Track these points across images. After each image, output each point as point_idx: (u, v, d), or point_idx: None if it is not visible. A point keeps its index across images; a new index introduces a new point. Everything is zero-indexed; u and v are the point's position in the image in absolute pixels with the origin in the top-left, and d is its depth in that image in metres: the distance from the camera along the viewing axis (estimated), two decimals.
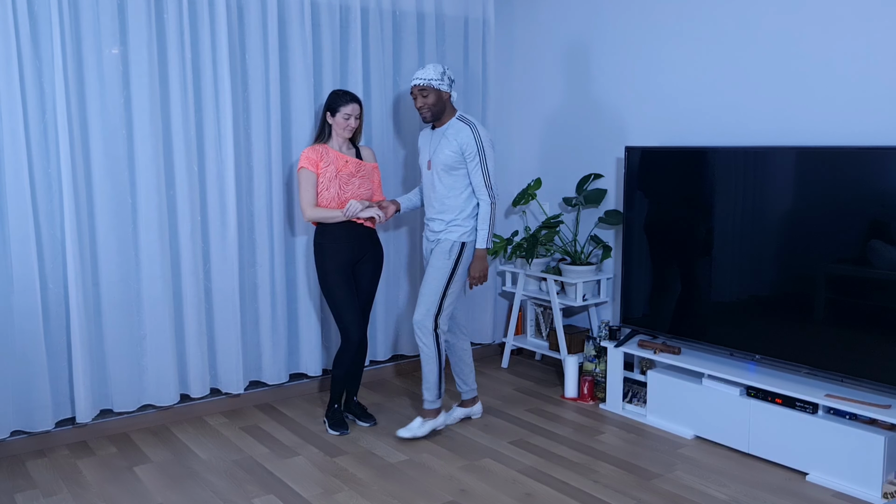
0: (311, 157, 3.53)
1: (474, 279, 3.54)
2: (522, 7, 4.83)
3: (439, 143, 3.51)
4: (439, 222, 3.55)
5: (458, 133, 3.46)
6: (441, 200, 3.53)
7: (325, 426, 3.78)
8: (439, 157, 3.49)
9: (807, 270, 3.18)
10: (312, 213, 3.53)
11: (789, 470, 3.24)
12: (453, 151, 3.46)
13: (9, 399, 3.41)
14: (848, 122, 3.26)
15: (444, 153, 3.47)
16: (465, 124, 3.48)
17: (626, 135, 4.24)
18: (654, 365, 3.88)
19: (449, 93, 3.50)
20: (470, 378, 3.79)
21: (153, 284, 3.69)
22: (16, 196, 3.32)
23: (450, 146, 3.46)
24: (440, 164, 3.49)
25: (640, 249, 3.84)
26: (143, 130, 3.60)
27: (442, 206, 3.53)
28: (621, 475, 3.20)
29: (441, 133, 3.53)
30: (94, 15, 3.46)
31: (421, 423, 3.60)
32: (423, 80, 3.44)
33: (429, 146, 3.59)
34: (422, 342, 3.53)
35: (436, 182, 3.54)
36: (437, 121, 3.54)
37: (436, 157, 3.51)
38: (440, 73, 3.46)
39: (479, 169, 3.46)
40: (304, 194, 3.53)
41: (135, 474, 3.26)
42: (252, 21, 3.85)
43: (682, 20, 3.89)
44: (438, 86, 3.45)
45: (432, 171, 3.54)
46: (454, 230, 3.52)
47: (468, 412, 3.85)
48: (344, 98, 3.53)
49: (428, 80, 3.44)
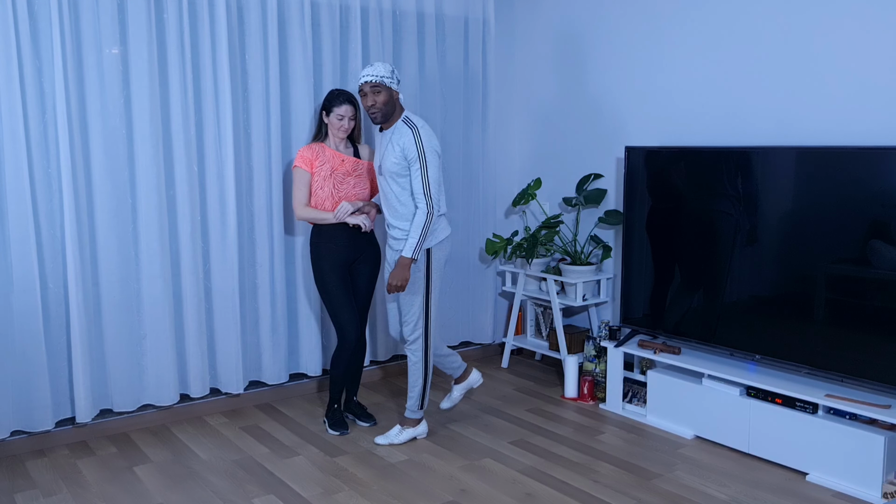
0: (307, 155, 3.53)
1: (391, 286, 3.31)
2: (522, 7, 4.83)
3: (386, 148, 3.33)
4: (398, 230, 3.39)
5: (401, 136, 3.27)
6: (394, 207, 3.37)
7: (324, 426, 3.78)
8: (386, 163, 3.32)
9: (807, 270, 3.18)
10: (303, 212, 3.53)
11: (789, 470, 3.24)
12: (397, 158, 3.27)
13: (9, 399, 3.41)
14: (848, 122, 3.26)
15: (389, 160, 3.30)
16: (408, 127, 3.28)
17: (627, 135, 4.24)
18: (654, 365, 3.88)
19: (398, 92, 3.34)
20: (449, 361, 3.66)
21: (153, 284, 3.69)
22: (16, 196, 3.32)
23: (394, 152, 3.28)
24: (387, 170, 3.32)
25: (640, 249, 3.84)
26: (143, 130, 3.60)
27: (396, 213, 3.37)
28: (621, 475, 3.20)
29: (388, 136, 3.35)
30: (94, 15, 3.46)
31: (399, 430, 3.56)
32: (376, 77, 3.25)
33: (379, 150, 3.43)
34: (412, 354, 3.49)
35: (386, 188, 3.36)
36: (386, 122, 3.36)
37: (384, 162, 3.33)
38: (390, 70, 3.30)
39: (420, 175, 3.25)
40: (297, 193, 3.54)
41: (135, 474, 3.26)
42: (252, 21, 3.85)
43: (682, 20, 3.89)
44: (390, 83, 3.27)
45: (383, 176, 3.37)
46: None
47: (466, 385, 3.73)
48: (339, 98, 3.51)
49: (380, 76, 3.25)
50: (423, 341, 3.47)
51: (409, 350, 3.50)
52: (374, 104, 3.28)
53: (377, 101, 3.28)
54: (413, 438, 3.60)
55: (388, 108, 3.30)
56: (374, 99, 3.28)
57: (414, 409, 3.56)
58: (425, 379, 3.53)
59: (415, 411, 3.57)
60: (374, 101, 3.28)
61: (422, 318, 3.44)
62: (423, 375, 3.51)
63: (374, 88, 3.27)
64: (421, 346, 3.47)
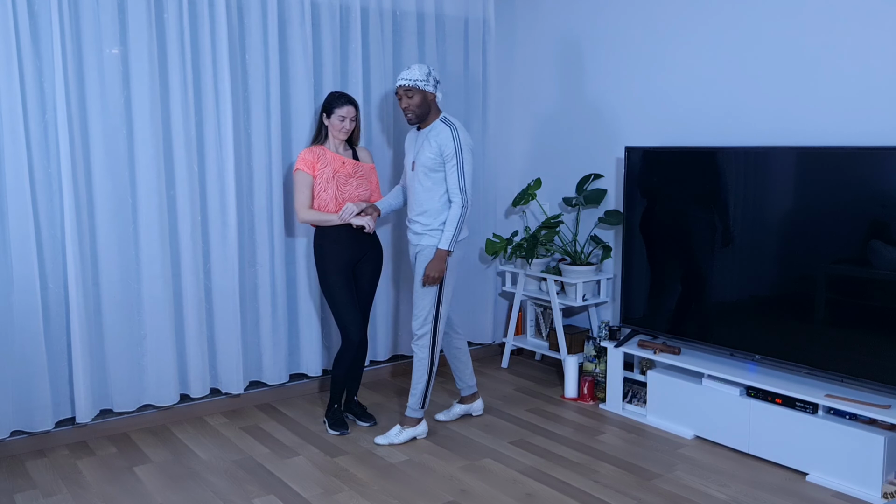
0: (308, 158, 3.53)
1: (428, 278, 3.42)
2: (523, 7, 4.83)
3: (422, 145, 3.47)
4: (419, 224, 3.50)
5: (439, 134, 3.42)
6: (420, 202, 3.49)
7: (325, 426, 3.78)
8: (421, 158, 3.46)
9: (807, 270, 3.18)
10: (307, 215, 3.54)
11: (789, 470, 3.24)
12: (433, 153, 3.41)
13: (9, 399, 3.41)
14: (848, 122, 3.26)
15: (425, 155, 3.44)
16: (446, 126, 3.44)
17: (627, 135, 4.24)
18: (654, 365, 3.88)
19: (434, 94, 3.45)
20: (466, 374, 3.80)
21: (153, 284, 3.69)
22: (16, 196, 3.32)
23: (430, 148, 3.42)
24: (422, 165, 3.46)
25: (640, 249, 3.84)
26: (143, 130, 3.60)
27: (421, 208, 3.49)
28: (621, 475, 3.20)
29: (425, 134, 3.49)
30: (94, 15, 3.46)
31: (399, 430, 3.58)
32: (409, 81, 3.39)
33: (414, 147, 3.56)
34: (418, 350, 3.52)
35: (416, 183, 3.50)
36: (422, 122, 3.50)
37: (419, 159, 3.48)
38: (426, 73, 3.41)
39: (456, 171, 3.40)
40: (299, 196, 3.53)
41: (135, 474, 3.26)
42: (252, 21, 3.85)
43: (682, 20, 3.89)
44: (424, 86, 3.40)
45: (415, 172, 3.51)
46: (434, 235, 3.47)
47: (467, 409, 3.86)
48: (340, 100, 3.53)
49: (413, 80, 3.38)
50: (431, 338, 3.50)
51: (415, 346, 3.52)
52: (407, 106, 3.44)
53: (410, 104, 3.43)
54: (413, 438, 3.60)
55: (421, 109, 3.44)
56: (407, 101, 3.43)
57: (415, 407, 3.57)
58: (429, 377, 3.55)
59: (416, 410, 3.58)
60: (407, 104, 3.44)
61: (432, 314, 3.49)
62: (428, 373, 3.54)
63: (407, 92, 3.41)
64: (428, 343, 3.51)
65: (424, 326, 3.49)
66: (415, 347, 3.53)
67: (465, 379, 3.81)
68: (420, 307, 3.49)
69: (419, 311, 3.49)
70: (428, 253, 3.47)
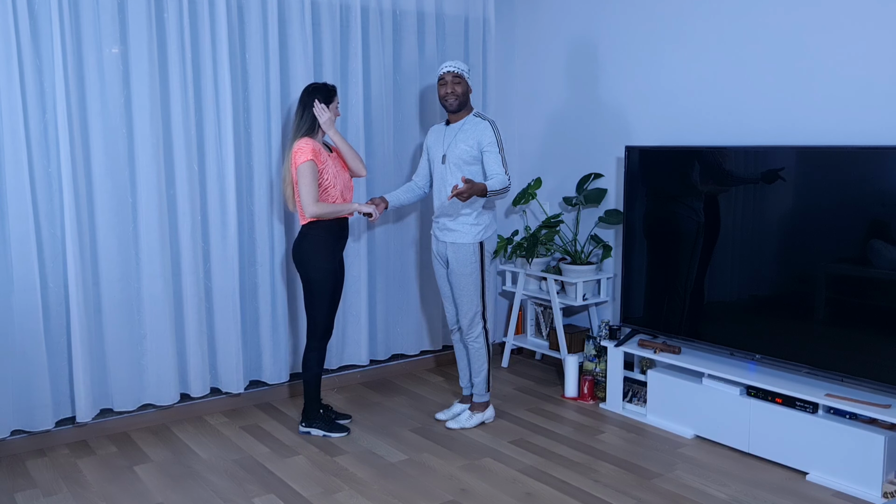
0: (314, 149, 3.40)
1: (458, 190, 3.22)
2: (523, 6, 4.83)
3: (455, 138, 3.57)
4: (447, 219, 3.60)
5: (475, 127, 3.54)
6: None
7: (320, 434, 3.66)
8: (454, 151, 3.55)
9: (807, 270, 3.18)
10: (318, 208, 3.39)
11: (789, 469, 3.24)
12: (470, 146, 3.52)
13: (9, 398, 3.41)
14: (848, 122, 3.26)
15: (460, 147, 3.54)
16: (482, 120, 3.57)
17: (627, 134, 4.24)
18: (654, 364, 3.88)
19: (471, 89, 3.64)
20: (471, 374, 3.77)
21: (153, 284, 3.69)
22: (16, 195, 3.32)
23: (466, 141, 3.53)
24: (455, 158, 3.55)
25: (641, 249, 3.84)
26: (143, 130, 3.60)
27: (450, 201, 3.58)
28: (621, 475, 3.20)
29: (457, 128, 3.59)
30: (94, 14, 3.46)
31: (469, 415, 3.75)
32: (458, 68, 3.54)
33: (443, 141, 3.64)
34: (473, 342, 3.69)
35: (447, 176, 3.59)
36: (457, 113, 3.59)
37: (451, 152, 3.57)
38: (468, 68, 3.61)
39: (497, 157, 3.51)
40: (312, 188, 3.36)
41: (135, 474, 3.26)
42: (252, 21, 3.85)
43: (683, 20, 3.89)
44: (468, 78, 3.58)
45: (446, 165, 3.59)
46: (469, 230, 3.57)
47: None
48: (333, 89, 3.53)
49: (461, 69, 3.55)
50: (483, 328, 3.70)
51: (469, 340, 3.68)
52: (453, 91, 3.54)
53: (457, 90, 3.54)
54: (482, 423, 3.76)
55: (463, 98, 3.57)
56: (454, 87, 3.54)
57: (481, 392, 3.74)
58: (489, 363, 3.74)
59: (482, 394, 3.74)
60: (453, 90, 3.54)
61: (479, 310, 3.66)
62: (487, 360, 3.73)
63: (455, 78, 3.55)
64: (482, 334, 3.70)
65: (474, 323, 3.66)
66: (469, 340, 3.68)
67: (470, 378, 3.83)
68: (467, 306, 3.62)
69: (467, 310, 3.63)
70: (465, 251, 3.57)
